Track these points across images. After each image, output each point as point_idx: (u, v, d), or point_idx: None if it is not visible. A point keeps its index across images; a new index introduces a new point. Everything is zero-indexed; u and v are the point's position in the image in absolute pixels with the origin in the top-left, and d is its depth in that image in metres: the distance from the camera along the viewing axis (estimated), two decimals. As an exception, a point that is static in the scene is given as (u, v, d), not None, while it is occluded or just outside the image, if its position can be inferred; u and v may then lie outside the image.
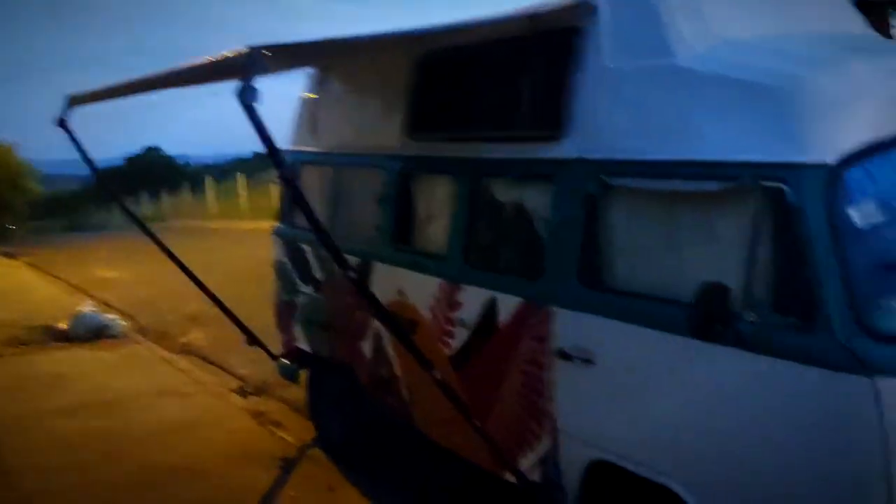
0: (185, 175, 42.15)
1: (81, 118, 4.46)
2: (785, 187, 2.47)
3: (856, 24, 3.57)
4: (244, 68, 2.51)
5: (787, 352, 2.42)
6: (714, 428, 2.66)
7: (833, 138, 2.48)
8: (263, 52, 2.51)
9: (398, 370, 4.25)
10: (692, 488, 2.71)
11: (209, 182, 30.66)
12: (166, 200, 34.18)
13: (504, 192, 3.69)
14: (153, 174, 42.51)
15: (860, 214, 2.45)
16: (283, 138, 5.51)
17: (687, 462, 2.75)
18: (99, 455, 5.16)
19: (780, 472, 2.48)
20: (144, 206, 35.86)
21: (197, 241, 19.27)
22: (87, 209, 34.61)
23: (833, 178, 2.44)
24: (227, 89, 2.60)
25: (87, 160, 4.83)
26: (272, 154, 2.76)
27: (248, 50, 2.54)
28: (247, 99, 2.49)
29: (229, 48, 2.71)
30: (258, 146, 2.72)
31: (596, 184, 3.06)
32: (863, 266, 2.40)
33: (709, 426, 2.67)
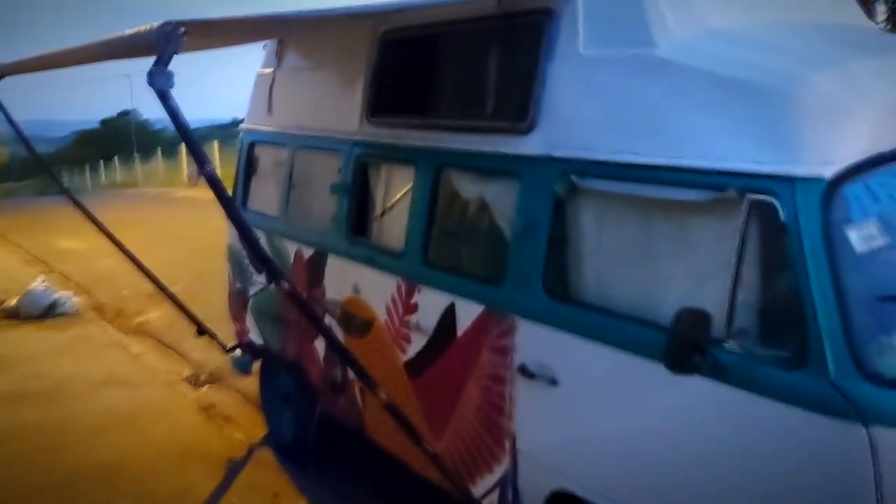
0: (160, 140, 41.35)
1: (63, 81, 4.14)
2: (775, 201, 2.17)
3: (854, 13, 3.26)
4: (157, 46, 2.14)
5: (771, 389, 2.13)
6: (686, 467, 2.38)
7: (831, 148, 2.17)
8: (180, 27, 2.15)
9: (350, 374, 3.95)
10: None
11: (182, 148, 29.98)
12: (140, 166, 33.40)
13: (467, 187, 3.38)
14: (126, 139, 41.62)
15: (860, 236, 2.14)
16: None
17: (655, 501, 2.49)
18: (29, 452, 4.81)
19: None
20: (118, 172, 35.03)
21: (166, 210, 18.79)
22: (60, 173, 33.85)
23: (830, 193, 2.13)
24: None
25: (17, 131, 4.54)
26: (191, 148, 2.44)
27: (161, 25, 2.17)
28: (158, 84, 2.12)
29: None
30: (237, 112, 2.36)
31: (564, 184, 2.76)
32: (861, 295, 2.09)
33: (680, 464, 2.40)
